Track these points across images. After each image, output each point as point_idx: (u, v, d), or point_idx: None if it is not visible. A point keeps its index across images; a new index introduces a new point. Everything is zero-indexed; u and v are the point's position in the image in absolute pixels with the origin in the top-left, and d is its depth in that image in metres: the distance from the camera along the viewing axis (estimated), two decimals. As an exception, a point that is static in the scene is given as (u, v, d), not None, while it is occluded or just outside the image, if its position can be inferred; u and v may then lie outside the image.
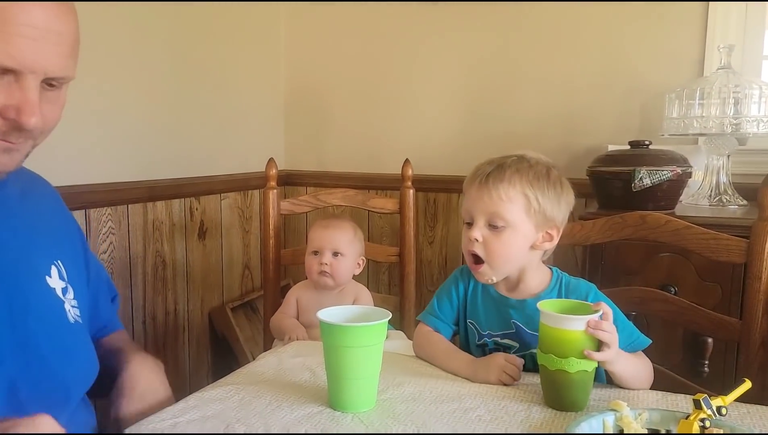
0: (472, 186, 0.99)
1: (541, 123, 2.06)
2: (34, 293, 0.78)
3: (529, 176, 0.97)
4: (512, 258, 0.97)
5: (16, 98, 0.66)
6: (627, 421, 0.76)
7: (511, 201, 0.95)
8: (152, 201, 1.83)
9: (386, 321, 0.83)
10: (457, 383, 0.92)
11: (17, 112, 0.66)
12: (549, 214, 0.98)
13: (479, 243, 0.96)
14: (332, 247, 1.47)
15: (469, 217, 0.99)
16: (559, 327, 0.82)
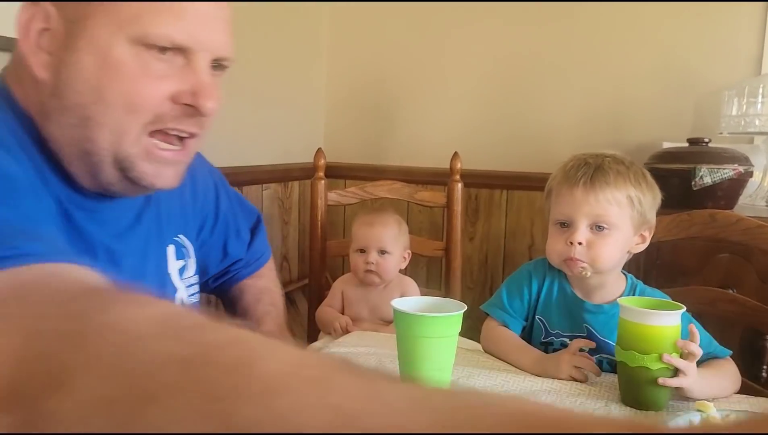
0: (575, 188, 0.94)
1: (589, 118, 2.02)
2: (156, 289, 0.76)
3: (631, 178, 0.95)
4: (614, 260, 0.95)
5: (190, 82, 0.62)
6: (714, 422, 0.74)
7: (618, 204, 0.93)
8: (199, 189, 1.83)
9: (462, 312, 0.81)
10: (529, 379, 0.90)
11: (193, 96, 0.62)
12: (648, 215, 0.97)
13: (582, 247, 0.92)
14: (378, 245, 1.45)
15: (567, 219, 0.95)
16: (642, 322, 0.80)
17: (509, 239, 2.16)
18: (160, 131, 0.62)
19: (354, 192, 1.76)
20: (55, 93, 0.60)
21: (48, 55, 0.60)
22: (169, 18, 0.58)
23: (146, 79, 0.59)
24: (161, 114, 0.61)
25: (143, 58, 0.59)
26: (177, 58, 0.61)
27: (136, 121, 0.61)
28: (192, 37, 0.60)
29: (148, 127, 0.62)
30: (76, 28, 0.59)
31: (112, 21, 0.58)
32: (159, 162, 0.64)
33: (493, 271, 2.20)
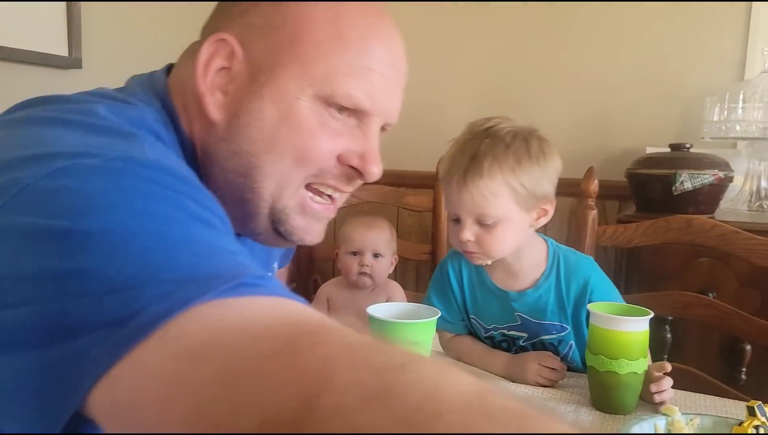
0: (451, 184, 0.91)
1: (575, 123, 2.04)
2: None
3: (509, 163, 0.88)
4: (509, 248, 0.92)
5: (361, 145, 0.61)
6: (679, 425, 0.75)
7: (496, 196, 0.88)
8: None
9: (436, 318, 0.83)
10: (503, 384, 0.92)
11: (361, 160, 0.61)
12: (539, 193, 0.91)
13: (472, 242, 0.91)
14: (373, 248, 1.47)
15: (455, 215, 0.93)
16: (611, 328, 0.82)
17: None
18: (314, 186, 0.61)
19: (341, 196, 1.77)
20: (226, 137, 0.58)
21: (223, 95, 0.58)
22: (358, 81, 0.58)
23: (322, 134, 0.58)
24: (325, 169, 0.60)
25: (322, 114, 0.58)
26: (350, 120, 0.60)
27: (301, 174, 0.59)
28: (373, 101, 0.59)
29: (308, 179, 0.60)
30: (262, 75, 0.57)
31: (304, 75, 0.57)
32: (310, 216, 0.62)
33: (481, 274, 2.22)
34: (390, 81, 0.61)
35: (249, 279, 0.37)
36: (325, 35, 0.57)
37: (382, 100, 0.60)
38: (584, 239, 1.24)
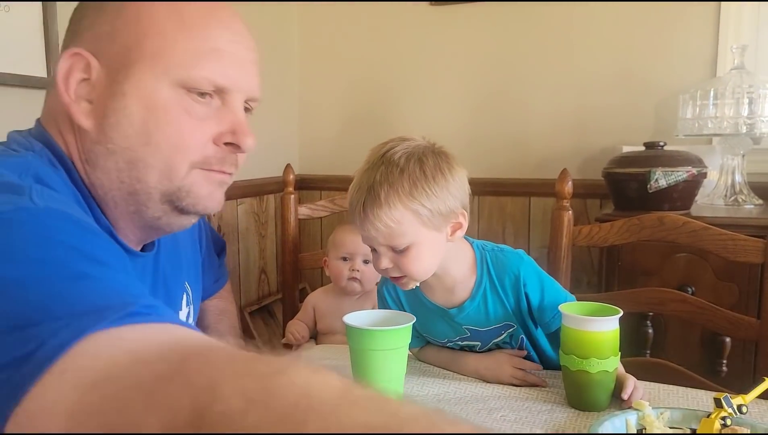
0: (355, 221, 0.90)
1: (554, 124, 2.07)
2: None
3: (405, 187, 0.86)
4: (428, 266, 0.91)
5: (228, 121, 0.65)
6: (649, 420, 0.77)
7: (399, 223, 0.86)
8: (172, 208, 1.86)
9: (411, 325, 0.85)
10: (480, 385, 0.94)
11: (233, 135, 0.65)
12: (445, 210, 0.88)
13: (392, 268, 0.90)
14: (364, 253, 1.48)
15: (370, 246, 0.92)
16: (580, 329, 0.84)
17: (482, 245, 2.20)
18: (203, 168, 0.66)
19: (324, 205, 1.79)
20: (100, 140, 0.62)
21: (88, 103, 0.61)
22: (209, 63, 0.62)
23: (191, 121, 0.62)
24: (207, 156, 0.64)
25: (185, 101, 0.62)
26: (214, 101, 0.64)
27: (185, 160, 0.63)
28: (229, 78, 0.63)
29: (194, 166, 0.64)
30: (120, 75, 0.61)
31: (158, 66, 0.60)
32: (213, 184, 0.66)
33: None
34: (240, 58, 0.65)
35: (139, 308, 0.41)
36: (169, 26, 0.61)
37: (237, 76, 0.64)
38: (560, 239, 1.26)
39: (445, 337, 1.01)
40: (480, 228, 2.19)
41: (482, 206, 2.19)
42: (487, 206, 2.18)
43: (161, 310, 0.42)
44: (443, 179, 0.89)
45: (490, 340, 0.98)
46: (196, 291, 0.89)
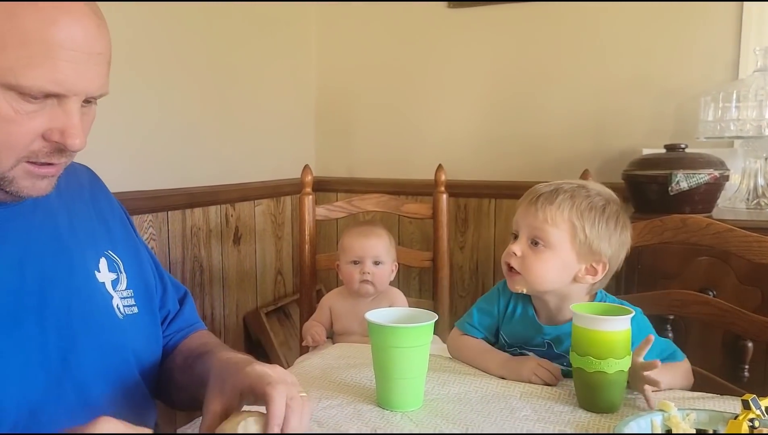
0: (523, 203, 1.01)
1: (573, 126, 2.06)
2: (79, 294, 0.78)
3: (582, 206, 0.96)
4: (547, 279, 0.98)
5: (60, 121, 0.66)
6: (675, 421, 0.76)
7: (555, 225, 0.96)
8: (190, 208, 1.87)
9: (433, 322, 0.85)
10: (501, 384, 0.93)
11: (62, 135, 0.66)
12: (595, 247, 0.97)
13: (517, 257, 0.98)
14: (373, 256, 1.49)
15: (515, 230, 1.01)
16: (597, 329, 0.83)
17: (499, 247, 2.19)
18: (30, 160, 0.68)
19: (341, 206, 1.79)
20: None
21: None
22: (41, 71, 0.62)
23: (19, 119, 0.64)
24: (34, 151, 0.67)
25: (16, 101, 0.63)
26: (49, 100, 0.65)
27: (11, 156, 0.66)
28: (63, 86, 0.64)
29: (22, 159, 0.67)
30: None
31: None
32: (35, 177, 0.69)
33: (483, 279, 2.23)
34: (77, 62, 0.65)
35: None
36: (5, 29, 0.61)
37: (71, 81, 0.64)
38: (581, 241, 1.25)
39: (519, 343, 1.04)
40: (497, 230, 2.18)
41: (500, 209, 2.18)
42: (504, 209, 2.18)
43: None
44: (613, 226, 0.98)
45: (554, 361, 0.99)
46: (133, 268, 0.88)
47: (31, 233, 0.75)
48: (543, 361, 0.96)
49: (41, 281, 0.74)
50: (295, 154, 2.36)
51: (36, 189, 0.70)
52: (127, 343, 0.83)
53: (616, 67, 1.99)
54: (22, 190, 0.69)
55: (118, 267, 0.86)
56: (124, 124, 1.63)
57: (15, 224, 0.74)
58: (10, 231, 0.73)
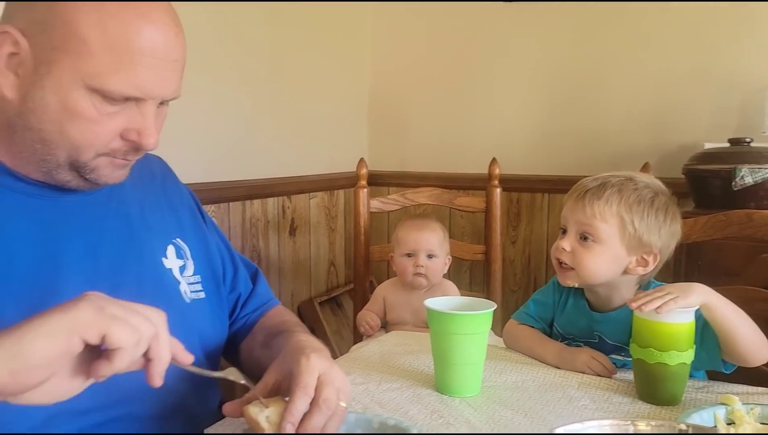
0: (571, 197, 1.01)
1: (631, 120, 2.02)
2: (148, 279, 0.82)
3: (630, 199, 0.96)
4: (598, 273, 0.98)
5: (137, 122, 0.71)
6: (739, 414, 0.76)
7: (604, 220, 0.96)
8: (250, 199, 1.94)
9: (492, 311, 0.86)
10: (559, 374, 0.94)
11: (138, 135, 0.71)
12: (645, 239, 0.96)
13: (567, 252, 0.99)
14: (427, 249, 1.52)
15: (564, 225, 1.02)
16: (660, 320, 0.83)
17: (551, 242, 2.16)
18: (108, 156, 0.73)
19: (395, 199, 1.82)
20: (20, 114, 0.69)
21: (15, 77, 0.68)
22: (124, 76, 0.67)
23: (101, 120, 0.69)
24: (113, 149, 0.72)
25: (99, 103, 0.68)
26: (128, 102, 0.70)
27: (92, 151, 0.71)
28: (143, 91, 0.69)
29: (100, 155, 0.72)
30: (43, 68, 0.67)
31: (75, 71, 0.66)
32: (113, 167, 0.74)
33: (536, 274, 2.22)
34: (157, 69, 0.69)
35: None
36: (93, 36, 0.66)
37: (150, 87, 0.69)
38: (640, 235, 1.24)
39: (572, 334, 1.04)
40: (551, 225, 2.17)
41: (553, 203, 2.17)
42: (558, 203, 2.16)
43: None
44: (662, 218, 0.98)
45: (609, 355, 0.99)
46: (200, 255, 0.92)
47: (105, 221, 0.81)
48: (597, 354, 0.96)
49: (113, 266, 0.78)
50: (348, 148, 2.40)
51: (113, 177, 0.75)
52: (193, 326, 0.87)
53: (677, 59, 1.94)
54: (101, 178, 0.74)
55: (185, 254, 0.90)
56: (194, 120, 1.70)
57: (91, 211, 0.79)
58: (86, 218, 0.78)
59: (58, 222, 0.75)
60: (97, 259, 0.77)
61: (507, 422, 0.78)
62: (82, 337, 0.51)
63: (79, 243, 0.76)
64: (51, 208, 0.75)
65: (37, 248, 0.71)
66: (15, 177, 0.73)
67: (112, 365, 0.53)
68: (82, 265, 0.75)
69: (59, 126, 0.68)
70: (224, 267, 0.98)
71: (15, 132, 0.71)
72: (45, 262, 0.71)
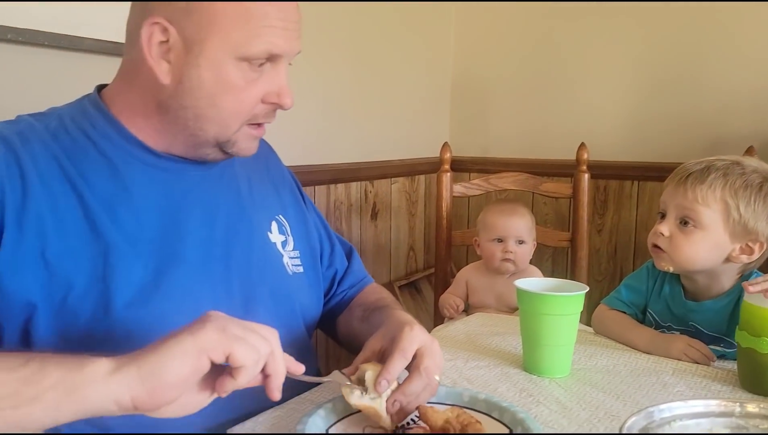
0: (672, 181, 0.98)
1: (731, 103, 1.91)
2: (256, 250, 0.88)
3: (736, 184, 0.93)
4: (697, 260, 0.95)
5: (275, 83, 0.79)
6: None
7: (707, 205, 0.93)
8: (334, 183, 1.99)
9: (584, 293, 0.86)
10: (652, 359, 0.92)
11: (278, 96, 0.79)
12: (751, 226, 0.93)
13: (665, 238, 0.96)
14: (516, 235, 1.51)
15: (663, 210, 0.99)
16: (758, 304, 0.80)
17: (640, 232, 2.10)
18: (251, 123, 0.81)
19: (479, 184, 1.82)
20: (174, 96, 0.77)
21: (167, 63, 0.75)
22: (264, 39, 0.75)
23: (247, 87, 0.77)
24: (256, 114, 0.80)
25: (245, 71, 0.76)
26: (265, 66, 0.78)
27: (238, 120, 0.79)
28: (279, 48, 0.77)
29: (245, 123, 0.80)
30: (195, 47, 0.74)
31: (225, 45, 0.74)
32: (251, 138, 0.83)
33: (622, 264, 2.15)
34: (287, 28, 0.78)
35: None
36: (231, 12, 0.74)
37: (285, 44, 0.78)
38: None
39: (668, 322, 1.03)
40: (639, 214, 2.09)
41: (643, 191, 2.09)
42: (648, 192, 2.08)
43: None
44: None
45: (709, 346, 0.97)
46: (300, 232, 0.98)
47: (219, 195, 0.87)
48: (694, 341, 0.93)
49: (226, 236, 0.85)
50: (429, 134, 2.41)
51: (249, 149, 0.83)
52: (295, 297, 0.92)
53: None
54: (240, 151, 0.82)
55: (287, 230, 0.96)
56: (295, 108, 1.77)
57: (207, 185, 0.86)
58: (204, 191, 0.85)
59: (181, 194, 0.82)
60: (213, 229, 0.83)
61: (599, 403, 0.78)
62: (210, 357, 0.56)
63: (198, 213, 0.82)
64: (175, 181, 0.82)
65: (162, 216, 0.79)
66: (147, 150, 0.80)
67: (236, 382, 0.57)
68: (199, 233, 0.81)
69: (212, 100, 0.76)
70: (321, 244, 1.03)
71: (167, 113, 0.79)
72: (169, 229, 0.78)
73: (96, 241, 0.73)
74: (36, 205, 0.71)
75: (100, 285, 0.72)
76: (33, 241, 0.70)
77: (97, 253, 0.73)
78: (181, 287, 0.77)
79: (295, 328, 0.92)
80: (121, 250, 0.74)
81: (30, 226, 0.71)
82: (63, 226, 0.72)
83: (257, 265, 0.88)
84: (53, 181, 0.74)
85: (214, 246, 0.83)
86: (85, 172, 0.76)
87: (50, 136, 0.77)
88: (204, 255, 0.81)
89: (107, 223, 0.74)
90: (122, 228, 0.75)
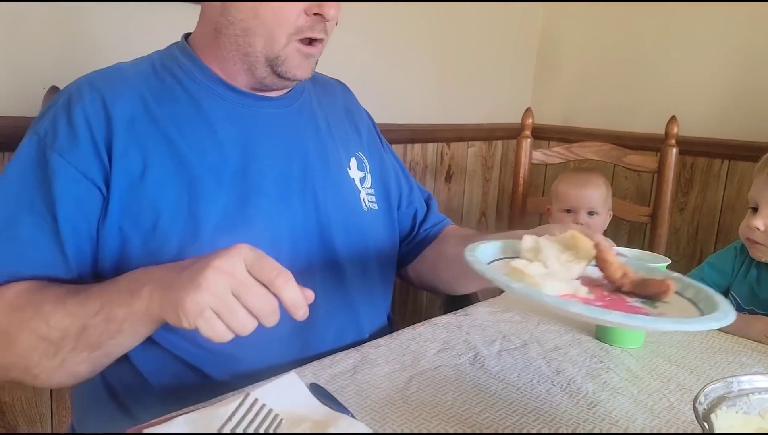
0: (763, 171, 0.95)
1: None
2: (333, 183, 0.92)
3: None
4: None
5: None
6: None
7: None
8: (411, 143, 2.01)
9: (666, 265, 0.85)
10: (730, 339, 0.91)
11: (320, 6, 0.80)
12: None
13: (761, 232, 0.93)
14: (588, 206, 1.49)
15: (754, 202, 0.96)
16: None
17: (726, 213, 2.01)
18: (299, 39, 0.83)
19: (559, 152, 1.79)
20: (223, 12, 0.82)
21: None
22: None
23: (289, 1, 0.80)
24: (300, 26, 0.81)
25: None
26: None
27: (283, 33, 0.81)
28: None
29: (292, 37, 0.81)
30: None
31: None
32: (302, 56, 0.83)
33: (703, 245, 2.07)
34: None
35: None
36: None
37: None
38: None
39: (751, 305, 1.01)
40: (727, 194, 2.00)
41: (733, 171, 1.99)
42: (738, 172, 1.97)
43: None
44: None
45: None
46: (377, 171, 1.01)
47: (297, 131, 0.91)
48: None
49: (304, 170, 0.89)
50: (510, 100, 2.37)
51: (301, 67, 0.85)
52: (369, 233, 0.96)
53: None
54: (290, 70, 0.84)
55: (366, 167, 1.00)
56: (364, 65, 1.80)
57: (285, 122, 0.90)
58: (282, 127, 0.89)
59: (260, 129, 0.86)
60: (291, 162, 0.88)
61: (671, 376, 0.78)
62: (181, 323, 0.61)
63: (276, 147, 0.87)
64: (254, 116, 0.87)
65: (243, 150, 0.83)
66: (227, 86, 0.86)
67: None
68: (278, 167, 0.86)
69: (255, 11, 0.80)
70: (399, 185, 1.06)
71: (221, 33, 0.83)
72: (249, 162, 0.83)
73: (181, 174, 0.78)
74: (122, 142, 0.77)
75: (186, 213, 0.77)
76: (122, 176, 0.77)
77: (182, 184, 0.78)
78: (262, 217, 0.82)
79: (367, 263, 0.95)
80: (205, 182, 0.79)
81: (118, 161, 0.77)
82: (149, 160, 0.78)
83: (333, 199, 0.91)
84: (138, 119, 0.79)
85: (292, 180, 0.87)
86: (171, 110, 0.81)
87: (141, 78, 0.83)
88: (283, 188, 0.86)
89: (190, 155, 0.79)
90: (205, 160, 0.80)
